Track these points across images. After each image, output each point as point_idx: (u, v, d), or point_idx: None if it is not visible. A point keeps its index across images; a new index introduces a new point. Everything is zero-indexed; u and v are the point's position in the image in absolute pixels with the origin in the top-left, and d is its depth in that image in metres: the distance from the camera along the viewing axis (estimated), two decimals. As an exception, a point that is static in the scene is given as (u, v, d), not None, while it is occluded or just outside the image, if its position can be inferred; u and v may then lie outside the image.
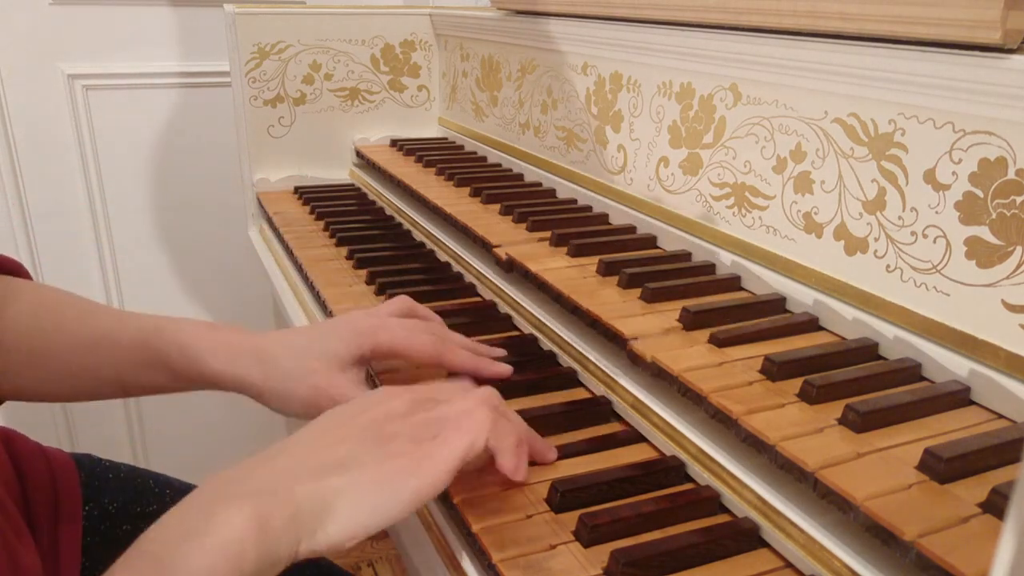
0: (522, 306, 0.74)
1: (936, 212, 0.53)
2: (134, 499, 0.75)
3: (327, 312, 0.80)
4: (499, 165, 1.10)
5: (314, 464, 0.41)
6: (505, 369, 0.58)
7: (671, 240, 0.77)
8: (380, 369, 0.65)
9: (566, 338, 0.67)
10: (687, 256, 0.74)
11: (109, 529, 0.72)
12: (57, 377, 0.60)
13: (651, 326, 0.60)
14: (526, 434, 0.50)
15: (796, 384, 0.51)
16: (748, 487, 0.48)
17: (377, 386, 0.60)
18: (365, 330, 0.58)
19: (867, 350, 0.56)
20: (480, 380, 0.60)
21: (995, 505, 0.40)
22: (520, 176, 1.04)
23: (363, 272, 0.87)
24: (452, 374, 0.61)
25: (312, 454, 0.42)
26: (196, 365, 0.57)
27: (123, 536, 0.73)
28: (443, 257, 0.91)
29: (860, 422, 0.47)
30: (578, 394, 0.63)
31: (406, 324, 0.60)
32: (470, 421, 0.45)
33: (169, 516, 0.39)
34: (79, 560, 0.65)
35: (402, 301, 0.64)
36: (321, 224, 1.03)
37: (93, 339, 0.59)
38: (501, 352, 0.65)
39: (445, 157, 1.14)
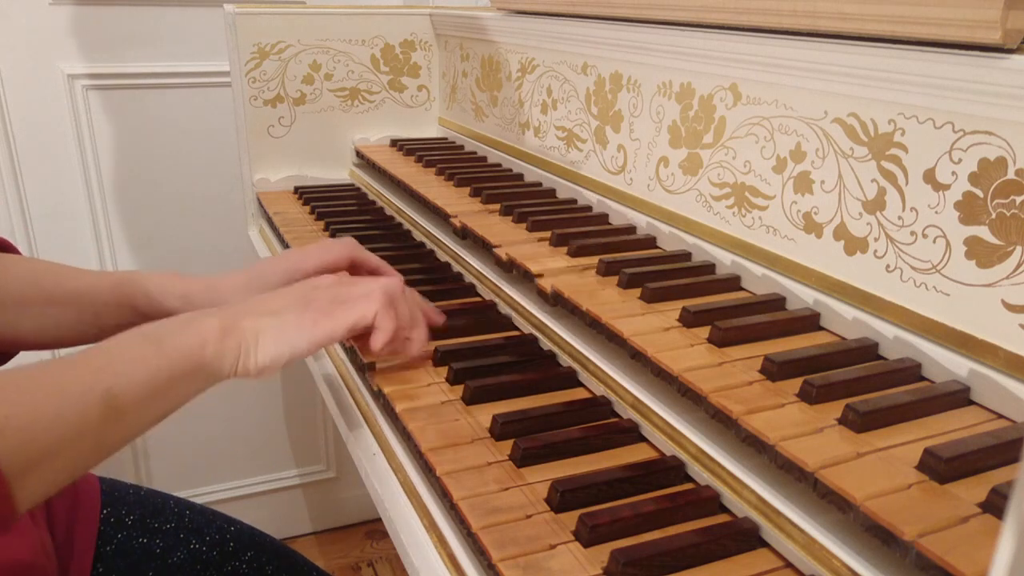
0: (522, 306, 0.74)
1: (936, 212, 0.53)
2: (152, 514, 0.78)
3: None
4: (499, 165, 1.10)
5: (260, 309, 0.58)
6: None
7: (671, 240, 0.77)
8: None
9: (566, 338, 0.67)
10: (687, 256, 0.74)
11: (125, 540, 0.75)
12: (52, 323, 0.73)
13: (651, 326, 0.60)
14: (410, 321, 0.65)
15: (796, 384, 0.51)
16: (748, 487, 0.48)
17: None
18: (295, 269, 0.73)
19: (867, 350, 0.56)
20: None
21: (995, 505, 0.40)
22: (520, 176, 1.04)
23: (363, 272, 0.86)
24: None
25: (260, 304, 0.59)
26: (159, 307, 0.71)
27: (138, 548, 0.75)
28: (443, 257, 0.91)
29: (860, 422, 0.47)
30: (578, 394, 0.63)
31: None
32: (365, 302, 0.61)
33: (170, 319, 0.56)
34: (91, 554, 0.72)
35: (344, 247, 0.78)
36: (321, 224, 1.03)
37: (79, 291, 0.72)
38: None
39: (445, 157, 1.14)
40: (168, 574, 0.76)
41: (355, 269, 0.75)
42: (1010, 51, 0.48)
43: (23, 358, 0.73)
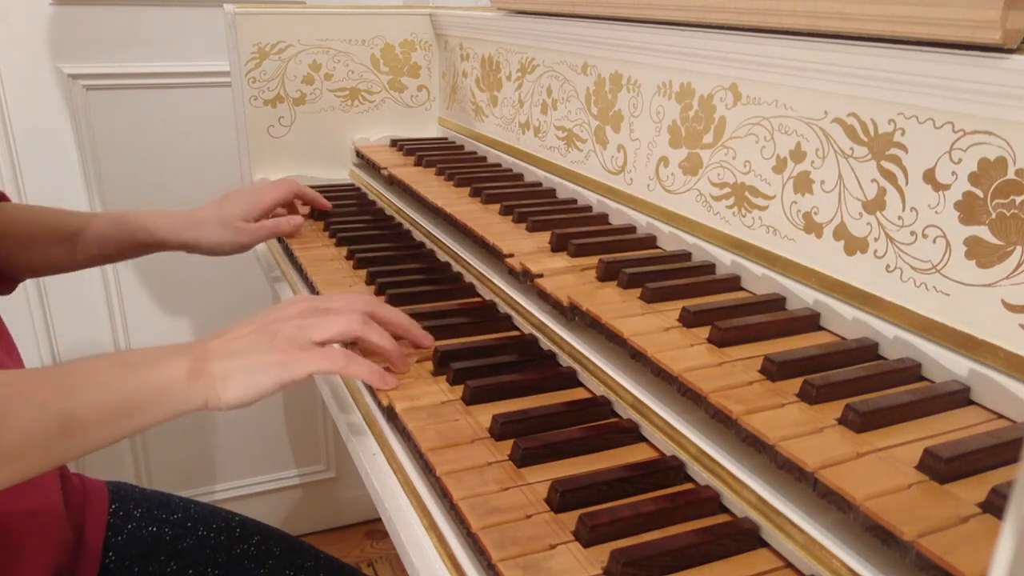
0: (522, 306, 0.74)
1: (936, 212, 0.53)
2: (158, 507, 0.83)
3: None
4: (499, 165, 1.10)
5: (227, 350, 0.60)
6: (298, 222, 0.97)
7: (671, 240, 0.77)
8: None
9: (566, 338, 0.67)
10: (687, 256, 0.74)
11: (135, 530, 0.80)
12: (60, 257, 0.86)
13: (651, 326, 0.60)
14: (392, 344, 0.65)
15: (796, 384, 0.51)
16: (748, 487, 0.48)
17: None
18: (256, 204, 0.94)
19: (867, 350, 0.56)
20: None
21: (994, 505, 0.40)
22: (520, 176, 1.04)
23: (363, 272, 0.87)
24: None
25: (230, 343, 0.60)
26: (153, 237, 0.88)
27: (148, 536, 0.78)
28: (443, 257, 0.91)
29: (860, 422, 0.47)
30: (578, 394, 0.63)
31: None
32: (327, 359, 0.60)
33: (144, 349, 0.59)
34: (100, 544, 0.76)
35: (289, 185, 1.00)
36: (321, 224, 1.03)
37: (79, 230, 0.86)
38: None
39: (445, 157, 1.14)
40: (179, 558, 0.78)
41: (299, 199, 1.01)
42: (1010, 51, 0.48)
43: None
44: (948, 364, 0.52)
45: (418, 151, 1.17)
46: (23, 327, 1.43)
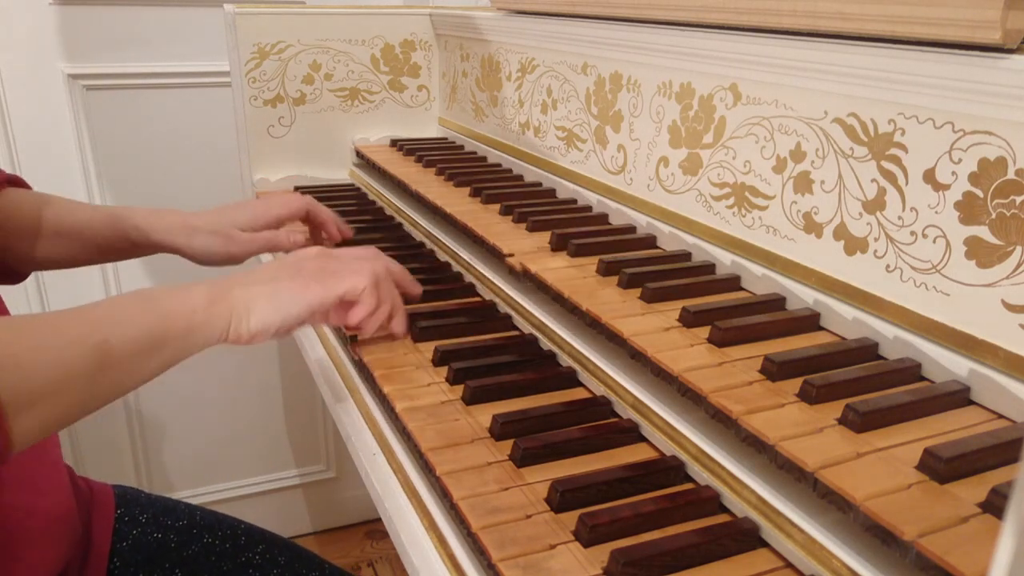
0: (522, 306, 0.74)
1: (936, 212, 0.53)
2: (164, 513, 0.83)
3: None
4: (499, 165, 1.10)
5: (251, 279, 0.61)
6: None
7: (671, 240, 0.77)
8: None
9: (566, 338, 0.67)
10: (687, 256, 0.74)
11: (140, 536, 0.80)
12: (60, 249, 0.83)
13: (651, 326, 0.60)
14: (391, 300, 0.68)
15: (796, 384, 0.51)
16: (748, 487, 0.48)
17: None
18: (262, 214, 0.87)
19: (867, 350, 0.56)
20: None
21: (994, 505, 0.40)
22: (520, 176, 1.04)
23: (363, 272, 0.86)
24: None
25: (252, 275, 0.61)
26: (147, 238, 0.83)
27: (153, 543, 0.78)
28: (443, 257, 0.91)
29: (860, 422, 0.47)
30: (578, 394, 0.63)
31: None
32: (355, 276, 0.64)
33: (165, 285, 0.59)
34: (107, 549, 0.76)
35: (302, 200, 0.92)
36: (321, 224, 1.03)
37: (79, 225, 0.83)
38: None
39: (445, 157, 1.14)
40: (184, 565, 0.78)
41: (309, 220, 0.91)
42: (1010, 51, 0.48)
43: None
44: (948, 364, 0.52)
45: (418, 151, 1.17)
46: (23, 327, 1.43)
